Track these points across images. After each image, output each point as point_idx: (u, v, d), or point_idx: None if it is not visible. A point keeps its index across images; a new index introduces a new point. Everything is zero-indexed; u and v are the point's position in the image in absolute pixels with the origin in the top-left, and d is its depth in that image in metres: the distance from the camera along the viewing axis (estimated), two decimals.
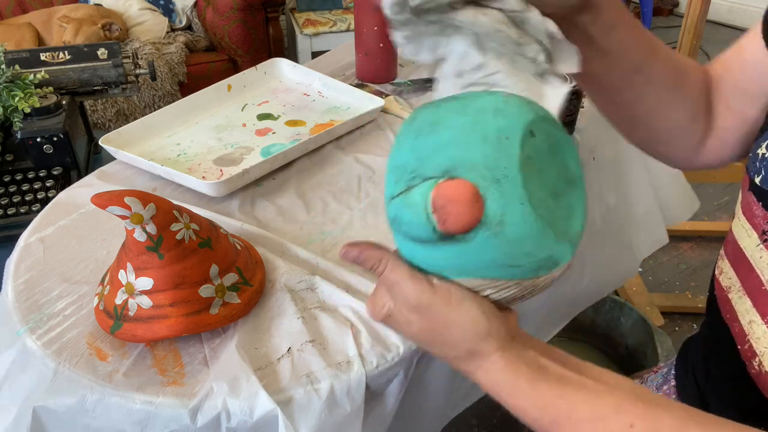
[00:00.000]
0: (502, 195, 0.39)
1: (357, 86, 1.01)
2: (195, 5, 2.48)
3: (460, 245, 0.41)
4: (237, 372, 0.54)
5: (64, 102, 1.12)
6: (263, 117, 0.95)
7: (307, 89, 1.02)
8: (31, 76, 1.09)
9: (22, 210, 1.04)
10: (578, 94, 0.86)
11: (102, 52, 1.19)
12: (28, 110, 1.04)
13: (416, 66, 1.11)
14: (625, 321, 1.36)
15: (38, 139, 1.06)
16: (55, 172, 1.09)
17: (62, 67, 1.18)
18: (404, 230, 0.43)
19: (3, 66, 1.08)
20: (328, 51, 1.21)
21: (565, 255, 0.43)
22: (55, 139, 1.07)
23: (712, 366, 0.59)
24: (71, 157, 1.10)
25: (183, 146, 0.88)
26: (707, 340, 0.61)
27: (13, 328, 0.59)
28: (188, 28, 2.52)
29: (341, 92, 0.99)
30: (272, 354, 0.57)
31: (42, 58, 1.17)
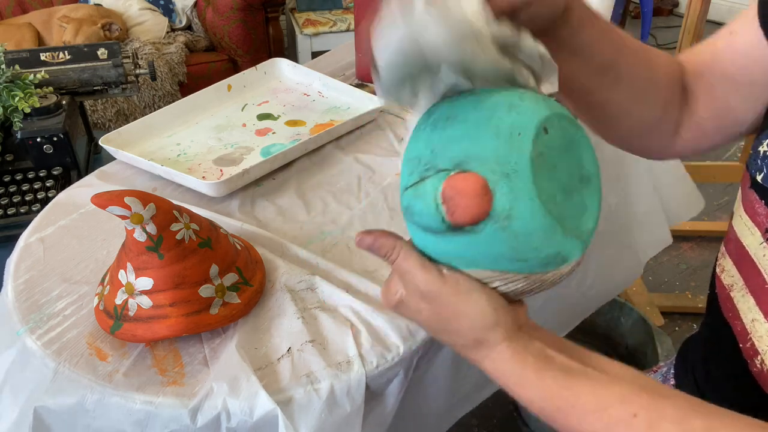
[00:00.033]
0: (511, 189, 0.40)
1: (357, 86, 1.01)
2: (195, 5, 2.48)
3: (469, 237, 0.41)
4: (237, 372, 0.54)
5: (64, 102, 1.12)
6: (263, 117, 0.95)
7: (307, 89, 1.02)
8: (31, 76, 1.09)
9: (22, 210, 1.04)
10: None
11: (102, 52, 1.19)
12: (28, 110, 1.04)
13: None
14: (625, 321, 1.36)
15: (38, 139, 1.06)
16: (55, 172, 1.09)
17: (62, 67, 1.18)
18: (416, 220, 0.44)
19: (3, 66, 1.08)
20: (328, 51, 1.21)
21: (575, 252, 0.43)
22: (55, 139, 1.07)
23: (712, 365, 0.59)
24: (71, 157, 1.10)
25: (183, 146, 0.88)
26: (707, 339, 0.61)
27: (13, 328, 0.59)
28: (188, 28, 2.52)
29: (341, 92, 0.99)
30: (272, 354, 0.57)
31: (42, 58, 1.17)
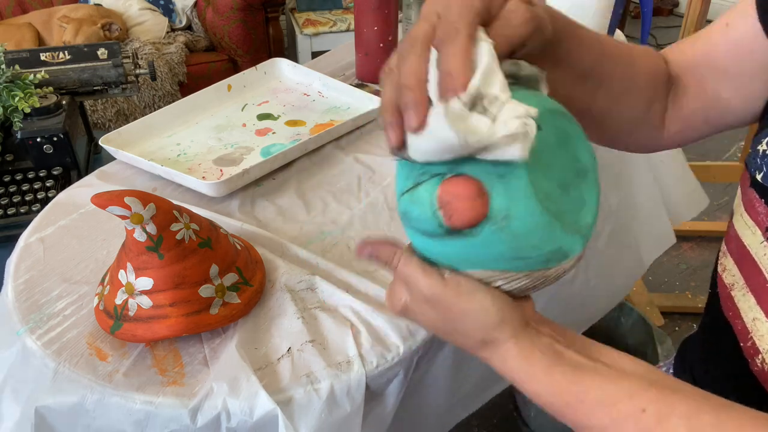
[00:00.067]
0: (507, 190, 0.40)
1: (357, 86, 1.01)
2: (195, 5, 2.48)
3: (468, 239, 0.41)
4: (237, 372, 0.54)
5: (64, 102, 1.12)
6: (263, 117, 0.95)
7: (307, 89, 1.02)
8: (31, 76, 1.09)
9: (22, 210, 1.04)
10: None
11: (102, 52, 1.19)
12: (28, 110, 1.04)
13: None
14: (625, 321, 1.36)
15: (38, 139, 1.07)
16: (55, 172, 1.09)
17: (62, 67, 1.18)
18: (413, 225, 0.44)
19: (3, 66, 1.08)
20: (328, 51, 1.21)
21: (575, 247, 0.43)
22: (55, 139, 1.07)
23: (712, 365, 0.59)
24: (71, 157, 1.10)
25: (183, 146, 0.88)
26: (707, 339, 0.61)
27: (13, 328, 0.59)
28: (188, 28, 2.52)
29: (341, 92, 0.99)
30: (272, 354, 0.57)
31: (42, 58, 1.17)
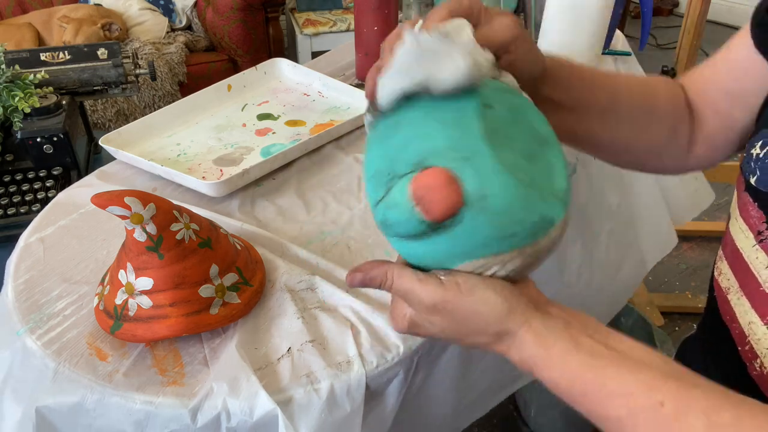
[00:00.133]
0: (476, 171, 0.40)
1: (357, 86, 1.01)
2: (195, 5, 2.48)
3: (452, 231, 0.41)
4: (237, 372, 0.54)
5: (64, 102, 1.12)
6: (263, 117, 0.95)
7: (307, 89, 1.02)
8: (31, 76, 1.09)
9: (22, 210, 1.04)
10: None
11: (102, 52, 1.19)
12: (28, 110, 1.04)
13: None
14: (625, 321, 1.36)
15: (38, 139, 1.06)
16: (55, 172, 1.09)
17: (62, 67, 1.18)
18: (395, 231, 0.43)
19: (3, 66, 1.08)
20: (328, 51, 1.21)
21: (557, 212, 0.43)
22: (55, 139, 1.07)
23: (711, 367, 0.59)
24: (71, 157, 1.10)
25: (183, 146, 0.88)
26: (706, 342, 0.61)
27: (13, 328, 0.59)
28: (188, 28, 2.52)
29: (341, 92, 0.99)
30: (272, 354, 0.57)
31: (42, 58, 1.17)
